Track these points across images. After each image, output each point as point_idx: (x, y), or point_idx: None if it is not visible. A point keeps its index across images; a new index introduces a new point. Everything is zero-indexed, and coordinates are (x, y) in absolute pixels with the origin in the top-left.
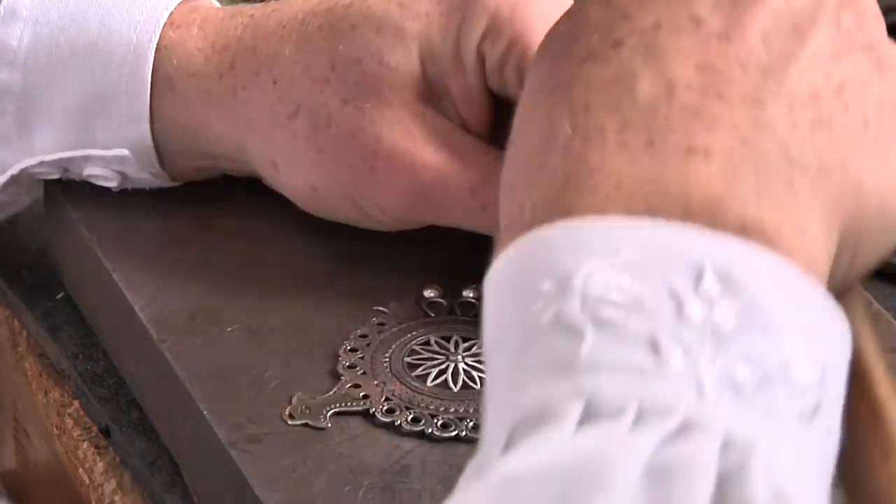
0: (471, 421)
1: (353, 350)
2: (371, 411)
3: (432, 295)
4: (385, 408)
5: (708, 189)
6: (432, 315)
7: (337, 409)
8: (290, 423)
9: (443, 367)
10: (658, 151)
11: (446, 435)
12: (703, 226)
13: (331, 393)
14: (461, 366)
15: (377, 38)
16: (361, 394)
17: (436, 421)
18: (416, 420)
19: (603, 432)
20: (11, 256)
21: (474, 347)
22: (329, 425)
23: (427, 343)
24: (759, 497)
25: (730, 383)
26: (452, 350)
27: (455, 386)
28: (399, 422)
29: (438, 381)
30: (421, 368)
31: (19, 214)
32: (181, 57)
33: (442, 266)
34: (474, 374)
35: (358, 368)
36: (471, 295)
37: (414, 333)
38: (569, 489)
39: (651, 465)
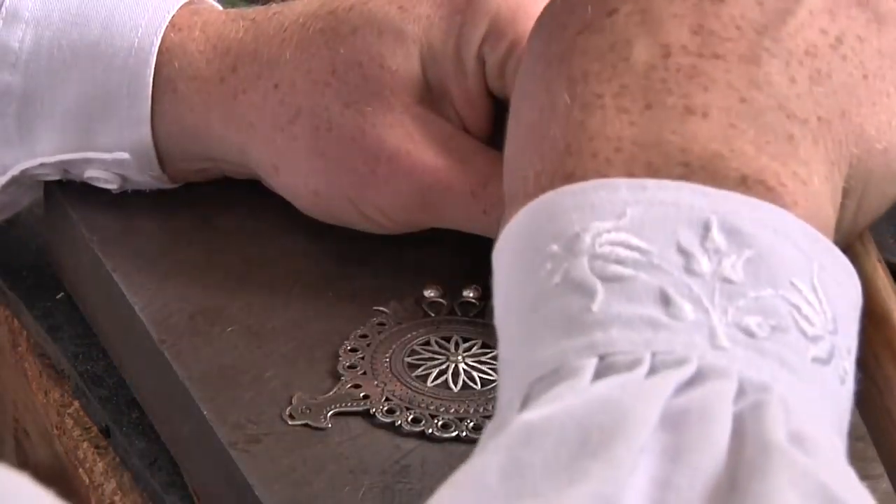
0: (471, 421)
1: (354, 350)
2: (371, 412)
3: (432, 295)
4: (385, 408)
5: (707, 146)
6: (432, 315)
7: (337, 410)
8: (290, 423)
9: (443, 367)
10: (656, 114)
11: (446, 435)
12: (704, 183)
13: (331, 393)
14: (461, 366)
15: (378, 42)
16: (362, 394)
17: (436, 421)
18: (416, 420)
19: (619, 381)
20: (11, 256)
21: (474, 347)
22: (329, 425)
23: (427, 343)
24: (777, 437)
25: (742, 332)
26: (453, 350)
27: (455, 386)
28: (399, 422)
29: (439, 381)
30: (421, 369)
31: (19, 214)
32: (183, 60)
33: (442, 266)
34: (474, 374)
35: (358, 368)
36: (471, 295)
37: (414, 333)
38: (587, 434)
39: (667, 410)
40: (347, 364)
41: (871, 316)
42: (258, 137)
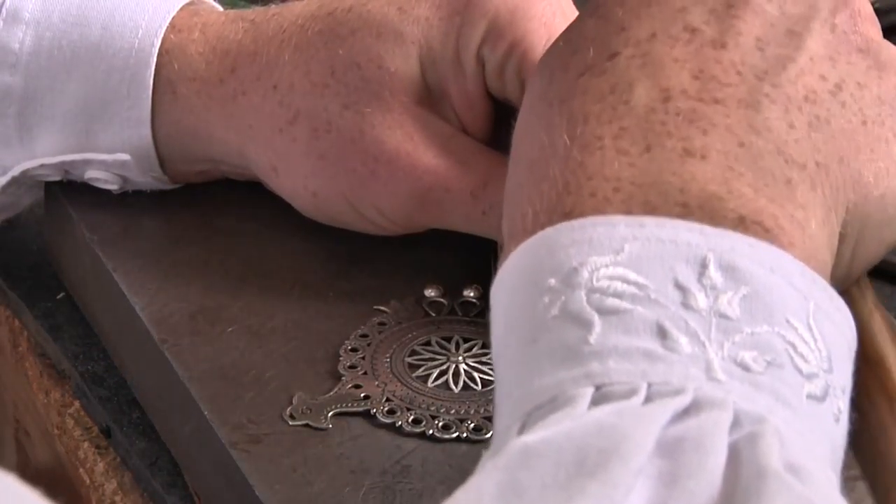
0: (471, 422)
1: (354, 350)
2: (372, 412)
3: (433, 294)
4: (386, 408)
5: (706, 187)
6: (433, 315)
7: (338, 410)
8: (290, 423)
9: (444, 367)
10: (655, 155)
11: (447, 436)
12: (702, 223)
13: (331, 393)
14: (462, 367)
15: (377, 43)
16: (362, 394)
17: (436, 422)
18: (416, 421)
19: (616, 408)
20: (12, 256)
21: (475, 348)
22: (330, 426)
23: (428, 343)
24: (773, 463)
25: (738, 366)
26: (453, 350)
27: (456, 387)
28: (400, 423)
29: (439, 381)
30: (422, 369)
31: (20, 215)
32: (182, 61)
33: (443, 266)
34: (475, 375)
35: (359, 369)
36: (472, 295)
37: (415, 333)
38: (585, 456)
39: (664, 437)
40: (348, 364)
41: (867, 359)
42: (257, 139)
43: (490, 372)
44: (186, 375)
